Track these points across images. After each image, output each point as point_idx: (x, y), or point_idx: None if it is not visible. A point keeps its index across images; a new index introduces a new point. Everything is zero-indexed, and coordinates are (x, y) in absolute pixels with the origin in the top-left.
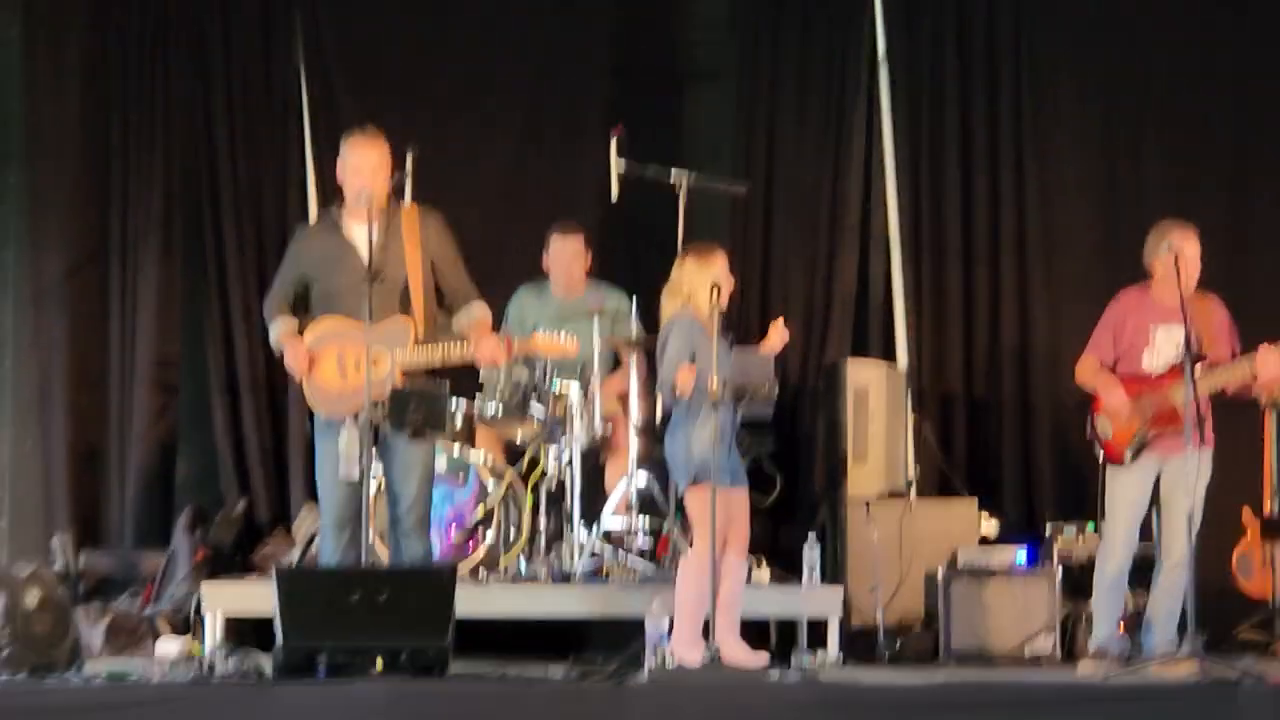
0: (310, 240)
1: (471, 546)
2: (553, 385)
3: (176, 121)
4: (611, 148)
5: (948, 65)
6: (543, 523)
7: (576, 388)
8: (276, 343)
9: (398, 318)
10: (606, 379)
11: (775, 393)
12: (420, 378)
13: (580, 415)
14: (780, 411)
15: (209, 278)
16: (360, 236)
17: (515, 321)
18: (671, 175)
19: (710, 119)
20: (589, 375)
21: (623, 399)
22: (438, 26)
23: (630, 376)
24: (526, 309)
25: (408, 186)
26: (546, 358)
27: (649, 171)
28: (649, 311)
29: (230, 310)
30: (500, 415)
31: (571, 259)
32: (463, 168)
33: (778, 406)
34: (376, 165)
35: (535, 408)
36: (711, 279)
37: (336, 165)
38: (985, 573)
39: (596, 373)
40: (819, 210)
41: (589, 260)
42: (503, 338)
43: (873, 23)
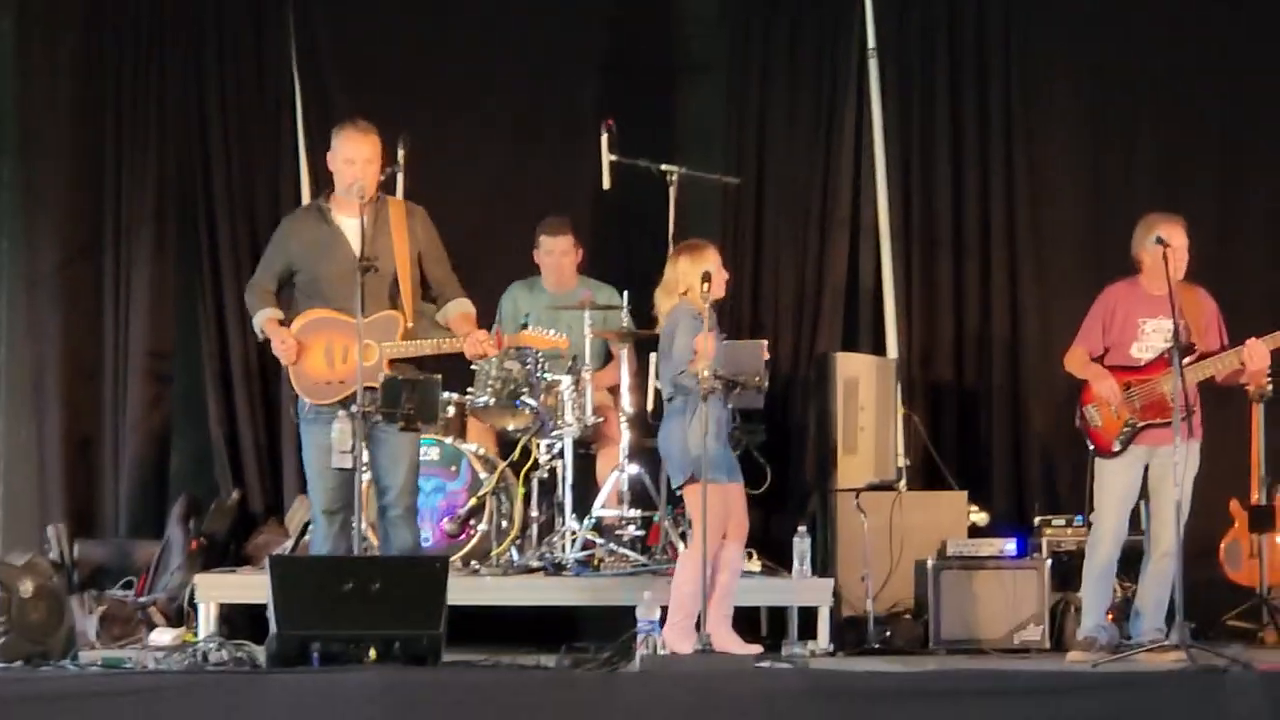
0: (298, 229)
1: (464, 537)
2: (544, 377)
3: (170, 117)
4: (603, 141)
5: (938, 59)
6: (535, 513)
7: (568, 380)
8: (260, 330)
9: (387, 310)
10: (598, 371)
11: (765, 384)
12: (408, 368)
13: (572, 407)
14: (770, 402)
15: (203, 271)
16: (349, 227)
17: (508, 316)
18: (663, 168)
19: (702, 113)
20: (580, 367)
21: (614, 391)
22: (431, 23)
23: (621, 369)
24: (519, 303)
25: (400, 179)
26: (537, 351)
27: (641, 164)
28: (640, 305)
29: (224, 303)
30: (492, 407)
31: (561, 256)
32: (457, 163)
33: (768, 397)
34: (369, 157)
35: (527, 400)
36: (706, 273)
37: (327, 156)
38: (975, 562)
39: (588, 365)
40: (810, 203)
41: (579, 255)
42: (494, 332)
43: (863, 16)
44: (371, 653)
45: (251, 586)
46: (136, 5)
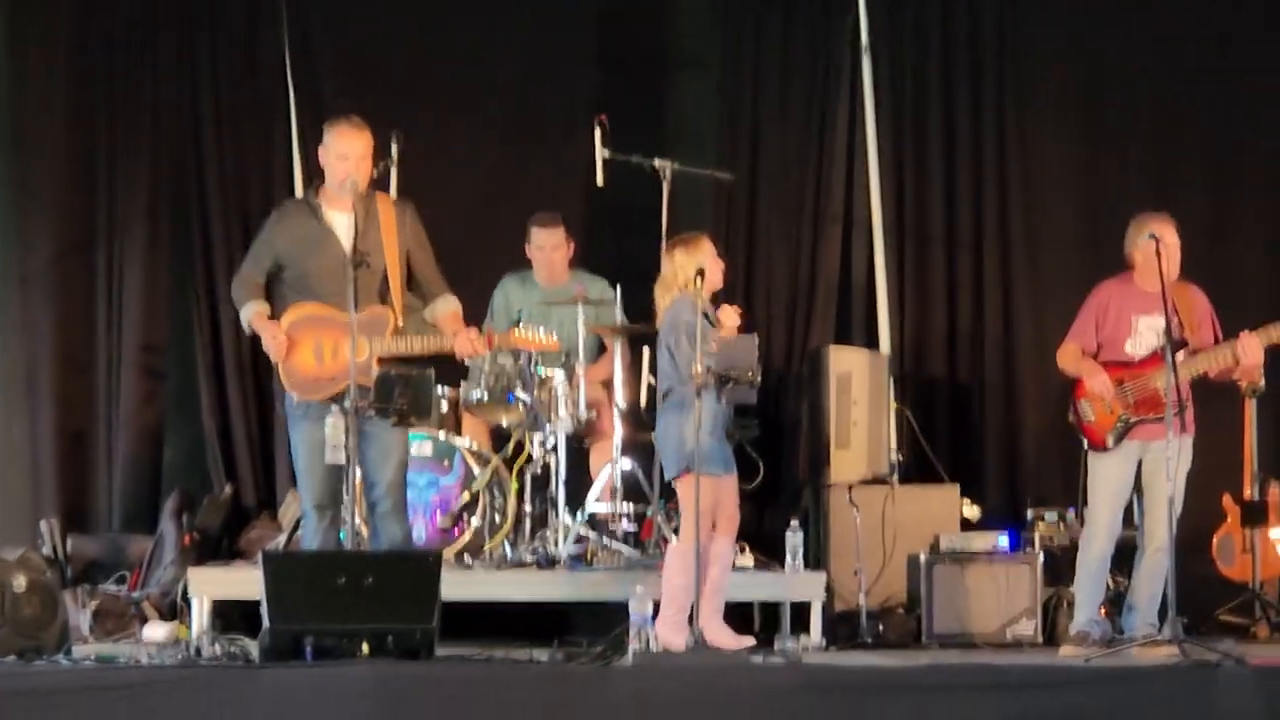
0: (287, 223)
1: (457, 532)
2: (537, 372)
3: (164, 115)
4: (596, 137)
5: (931, 54)
6: (528, 508)
7: (561, 375)
8: (248, 324)
9: (377, 307)
10: (591, 365)
11: (758, 379)
12: (397, 364)
13: (565, 401)
14: (764, 397)
15: (195, 268)
16: (339, 223)
17: (501, 310)
18: (656, 163)
19: (695, 108)
20: (574, 362)
21: (607, 385)
22: (424, 20)
23: (615, 363)
24: (512, 297)
25: (393, 174)
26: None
27: (634, 160)
28: (632, 299)
29: (217, 299)
30: (486, 401)
31: (552, 249)
32: (449, 159)
33: (761, 392)
34: (362, 153)
35: (520, 394)
36: (701, 265)
37: (318, 150)
38: (967, 557)
39: (581, 359)
40: (803, 198)
41: (571, 249)
42: (484, 332)
43: (856, 12)
44: (365, 647)
45: (244, 581)
46: (130, 3)
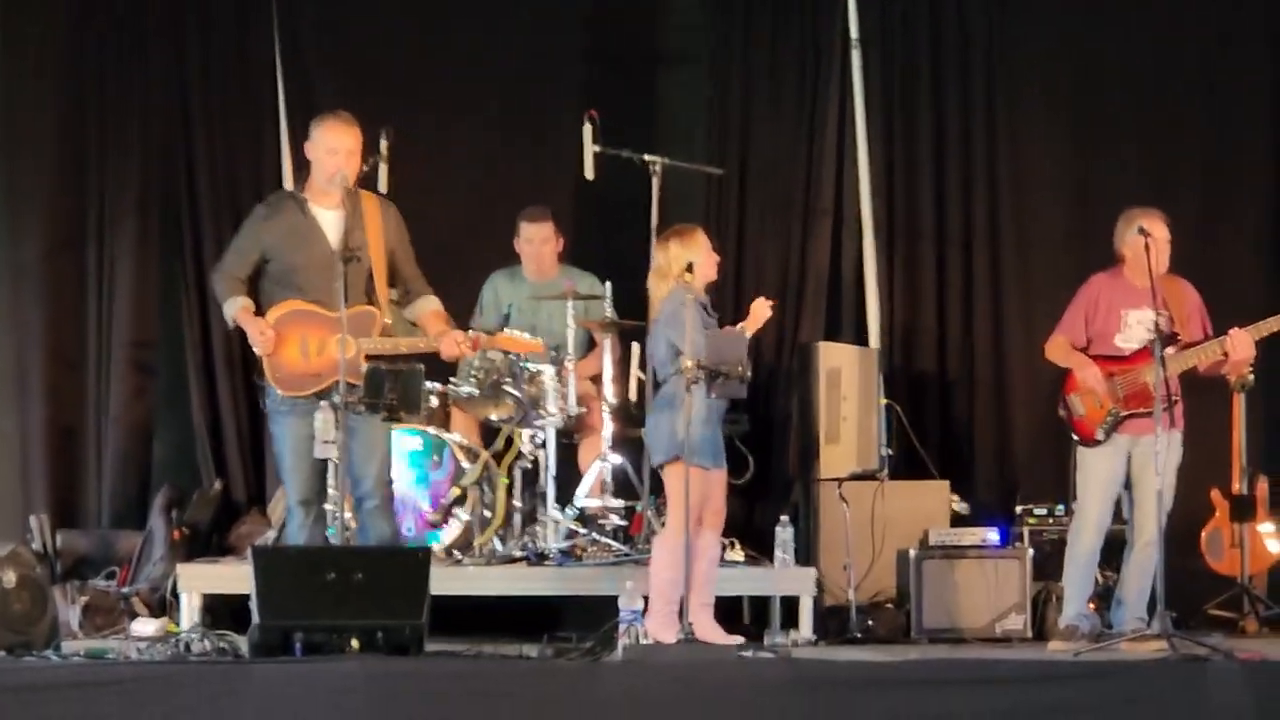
0: (273, 218)
1: (446, 527)
2: (527, 367)
3: (154, 113)
4: (586, 132)
5: (921, 50)
6: (517, 503)
7: (551, 370)
8: (232, 319)
9: (364, 306)
10: (580, 361)
11: (748, 373)
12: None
13: (554, 397)
14: (753, 392)
15: (186, 264)
16: (326, 218)
17: (490, 305)
18: (646, 158)
19: (684, 103)
20: (563, 357)
21: (596, 380)
22: (413, 16)
23: (604, 358)
24: (501, 292)
25: (383, 170)
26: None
27: (624, 155)
28: (621, 294)
29: (207, 296)
30: (475, 397)
31: (541, 244)
32: (439, 155)
33: (751, 387)
34: (351, 149)
35: (510, 390)
36: (695, 257)
37: (305, 145)
38: (957, 552)
39: (571, 354)
40: (792, 194)
41: (560, 244)
42: (470, 334)
43: (845, 7)
44: (354, 643)
45: (234, 577)
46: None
